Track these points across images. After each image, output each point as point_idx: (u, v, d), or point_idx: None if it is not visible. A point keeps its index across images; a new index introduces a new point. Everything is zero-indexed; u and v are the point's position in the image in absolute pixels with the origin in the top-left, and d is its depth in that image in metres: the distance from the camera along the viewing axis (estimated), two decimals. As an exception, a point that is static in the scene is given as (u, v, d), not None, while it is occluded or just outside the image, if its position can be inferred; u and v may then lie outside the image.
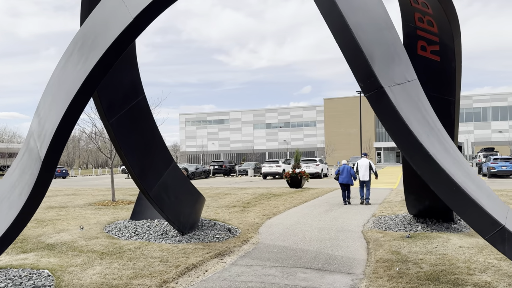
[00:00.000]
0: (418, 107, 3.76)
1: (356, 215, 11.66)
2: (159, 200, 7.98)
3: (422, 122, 3.67)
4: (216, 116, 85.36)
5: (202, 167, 39.26)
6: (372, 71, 3.46)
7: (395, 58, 3.95)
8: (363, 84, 3.58)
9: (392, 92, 3.50)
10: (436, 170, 3.57)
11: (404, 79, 3.86)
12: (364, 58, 3.46)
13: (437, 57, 6.27)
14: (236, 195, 17.37)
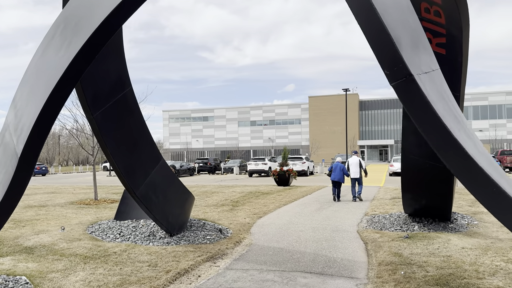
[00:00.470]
0: (444, 99, 3.43)
1: (348, 214, 11.39)
2: (147, 200, 7.52)
3: (451, 115, 3.33)
4: (200, 113, 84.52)
5: (187, 165, 38.64)
6: (400, 56, 3.10)
7: (419, 44, 3.62)
8: (389, 72, 3.22)
9: (421, 81, 3.16)
10: (475, 170, 3.17)
11: (429, 68, 3.52)
12: (391, 42, 3.10)
13: (443, 50, 5.98)
14: (224, 194, 16.94)
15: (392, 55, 3.13)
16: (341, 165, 14.64)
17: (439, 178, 7.36)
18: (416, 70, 3.18)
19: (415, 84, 3.10)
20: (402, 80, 3.17)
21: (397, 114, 72.84)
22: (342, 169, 14.45)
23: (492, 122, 66.88)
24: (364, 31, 3.31)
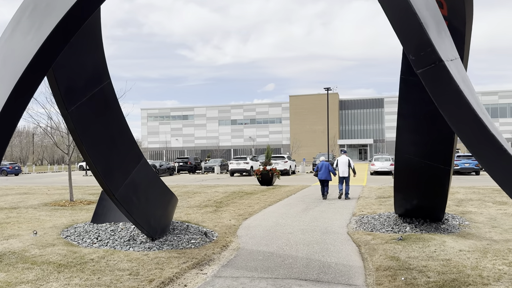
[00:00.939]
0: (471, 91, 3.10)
1: (336, 215, 11.10)
2: (127, 202, 7.00)
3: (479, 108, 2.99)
4: (180, 112, 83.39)
5: (166, 164, 37.86)
6: (429, 39, 2.74)
7: (441, 29, 3.28)
8: (415, 57, 2.87)
9: (451, 68, 2.82)
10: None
11: (453, 55, 3.19)
12: (418, 22, 2.74)
13: (443, 44, 5.73)
14: (206, 194, 16.44)
15: (419, 37, 2.77)
16: (326, 163, 14.88)
17: (435, 178, 7.11)
18: (444, 55, 2.85)
19: (446, 71, 2.75)
20: (430, 66, 2.82)
21: (376, 114, 73.62)
22: (327, 167, 14.72)
23: (468, 122, 68.35)
24: (387, 10, 2.94)
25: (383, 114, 73.14)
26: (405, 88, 6.55)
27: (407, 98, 6.62)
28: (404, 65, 6.37)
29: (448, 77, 2.77)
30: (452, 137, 6.43)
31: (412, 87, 6.46)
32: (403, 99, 6.65)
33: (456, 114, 2.94)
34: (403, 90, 6.57)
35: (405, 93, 6.59)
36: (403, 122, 6.87)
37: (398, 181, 7.65)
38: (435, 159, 6.78)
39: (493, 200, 12.82)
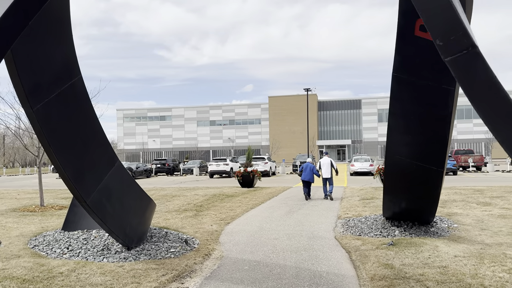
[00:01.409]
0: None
1: (321, 218, 10.76)
2: (100, 209, 6.44)
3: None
4: (157, 112, 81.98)
5: (143, 166, 36.90)
6: (460, 22, 2.37)
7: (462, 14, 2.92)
8: (443, 42, 2.50)
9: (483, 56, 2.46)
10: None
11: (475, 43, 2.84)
12: (447, 2, 2.37)
13: (439, 39, 5.44)
14: (185, 197, 15.86)
15: (449, 18, 2.40)
16: (311, 165, 15.02)
17: (427, 180, 6.83)
18: (476, 41, 2.49)
19: (480, 58, 2.39)
20: (461, 53, 2.45)
21: (354, 115, 74.26)
22: (312, 169, 14.84)
23: (443, 123, 69.74)
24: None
25: (360, 115, 73.86)
26: (397, 87, 6.23)
27: (399, 97, 6.31)
28: (397, 62, 6.06)
29: (483, 66, 2.41)
30: (446, 138, 6.15)
31: (405, 86, 6.16)
32: (394, 98, 6.34)
33: (494, 109, 2.58)
34: (395, 89, 6.26)
35: (397, 91, 6.28)
36: (395, 122, 6.56)
37: (388, 184, 7.35)
38: (428, 160, 6.50)
39: (476, 201, 12.76)
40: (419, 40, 5.65)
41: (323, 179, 14.99)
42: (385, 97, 73.14)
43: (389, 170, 7.14)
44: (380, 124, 72.48)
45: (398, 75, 6.12)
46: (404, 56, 5.97)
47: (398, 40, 5.89)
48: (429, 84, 5.82)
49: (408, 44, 5.85)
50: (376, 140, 72.29)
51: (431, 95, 5.90)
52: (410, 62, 5.94)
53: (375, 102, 73.19)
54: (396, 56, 6.04)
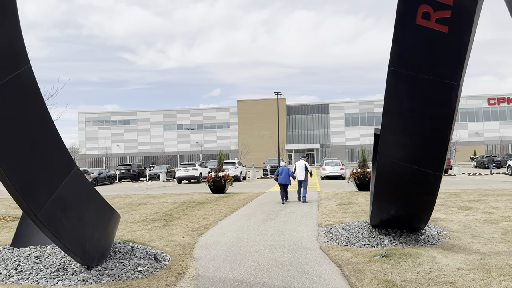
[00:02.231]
0: None
1: (300, 225, 10.09)
2: (54, 223, 5.45)
3: None
4: (121, 116, 79.34)
5: (106, 172, 35.16)
6: None
7: None
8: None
9: None
10: None
11: None
12: None
13: (444, 28, 4.87)
14: (153, 205, 14.78)
15: None
16: (287, 168, 15.35)
17: (423, 185, 6.27)
18: None
19: None
20: None
21: (322, 119, 74.76)
22: (287, 171, 15.19)
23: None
24: None
25: (328, 120, 74.45)
26: (393, 82, 5.64)
27: (395, 94, 5.72)
28: (394, 54, 5.46)
29: None
30: (447, 139, 5.61)
31: (402, 81, 5.57)
32: (390, 95, 5.74)
33: None
34: (391, 84, 5.66)
35: (393, 87, 5.69)
36: (389, 121, 5.96)
37: (379, 189, 6.74)
38: (425, 164, 5.94)
39: (456, 205, 12.49)
40: (421, 30, 5.08)
41: (298, 182, 15.42)
42: (352, 101, 74.16)
43: (381, 175, 6.53)
44: (347, 128, 73.32)
45: (394, 69, 5.53)
46: (402, 47, 5.38)
47: (396, 29, 5.30)
48: (430, 79, 5.26)
49: (408, 34, 5.27)
50: (343, 144, 73.03)
51: (432, 91, 5.34)
52: (410, 54, 5.37)
53: (342, 107, 74.01)
54: (393, 47, 5.45)
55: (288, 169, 15.33)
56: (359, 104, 73.63)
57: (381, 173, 6.54)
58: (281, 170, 15.24)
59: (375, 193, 6.91)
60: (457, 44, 4.96)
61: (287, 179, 15.01)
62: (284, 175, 15.03)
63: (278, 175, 15.24)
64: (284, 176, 15.02)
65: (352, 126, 73.11)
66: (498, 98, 68.78)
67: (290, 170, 15.29)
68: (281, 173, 15.12)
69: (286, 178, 15.01)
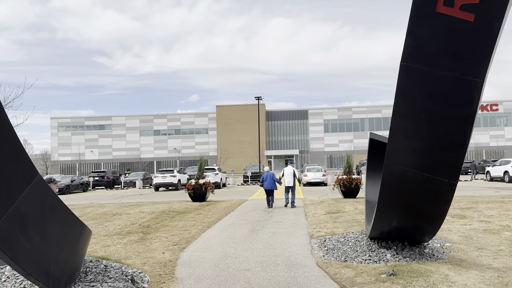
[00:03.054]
0: None
1: (291, 237, 9.36)
2: (9, 243, 4.54)
3: None
4: (96, 121, 77.02)
5: (79, 179, 33.62)
6: None
7: None
8: None
9: None
10: None
11: None
12: None
13: (470, 15, 4.28)
14: (128, 215, 13.76)
15: None
16: (271, 174, 15.43)
17: (435, 195, 5.65)
18: None
19: None
20: None
21: (301, 125, 74.61)
22: (272, 177, 15.28)
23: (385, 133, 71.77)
24: None
25: (307, 126, 74.34)
26: (406, 79, 5.00)
27: (408, 93, 5.08)
28: (408, 47, 4.83)
29: None
30: (465, 143, 5.00)
31: (417, 77, 4.94)
32: (402, 94, 5.10)
33: None
34: (404, 82, 5.02)
35: (406, 85, 5.05)
36: (400, 124, 5.32)
37: (384, 199, 6.09)
38: (439, 171, 5.32)
39: (449, 213, 12.01)
40: (442, 18, 4.47)
41: (286, 187, 15.49)
42: (330, 108, 74.34)
43: (387, 183, 5.88)
44: (326, 134, 73.36)
45: (408, 64, 4.90)
46: (418, 39, 4.76)
47: (412, 19, 4.67)
48: (450, 75, 4.65)
49: (426, 23, 4.65)
50: (322, 150, 73.00)
51: (452, 89, 4.73)
52: (426, 46, 4.74)
53: (321, 113, 74.08)
54: (407, 40, 4.82)
55: (273, 174, 15.44)
56: (338, 110, 73.86)
57: (387, 182, 5.89)
58: (266, 176, 15.30)
59: (379, 203, 6.25)
60: (484, 34, 4.37)
61: (272, 185, 15.15)
62: (269, 181, 15.15)
63: (263, 181, 15.32)
64: (269, 182, 15.15)
65: (331, 132, 73.20)
66: (472, 105, 70.31)
67: (274, 176, 15.42)
68: (266, 179, 15.21)
69: (272, 183, 15.15)
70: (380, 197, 6.17)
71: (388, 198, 6.09)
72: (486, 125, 67.75)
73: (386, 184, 5.93)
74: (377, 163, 9.15)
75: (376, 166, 9.17)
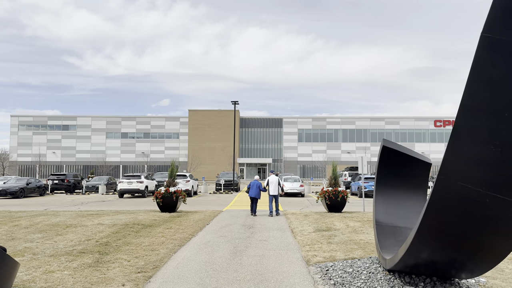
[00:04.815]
0: None
1: (283, 263, 7.68)
2: None
3: None
4: (59, 121, 72.94)
5: (36, 181, 30.68)
6: None
7: None
8: None
9: None
10: None
11: None
12: None
13: None
14: (85, 228, 11.65)
15: None
16: (258, 182, 15.84)
17: (503, 223, 4.13)
18: None
19: None
20: None
21: (275, 133, 73.34)
22: (258, 186, 15.73)
23: (358, 145, 71.79)
24: None
25: (281, 134, 73.16)
26: (487, 57, 3.48)
27: (488, 77, 3.55)
28: (497, 12, 3.33)
29: None
30: None
31: (504, 55, 3.42)
32: (478, 78, 3.56)
33: None
34: (483, 61, 3.50)
35: (486, 66, 3.52)
36: (469, 122, 3.76)
37: (429, 226, 4.52)
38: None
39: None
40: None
41: (270, 196, 15.76)
42: (305, 117, 73.49)
43: (438, 206, 4.31)
44: (300, 143, 72.40)
45: (494, 36, 3.37)
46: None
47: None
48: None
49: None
50: (296, 160, 71.92)
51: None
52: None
53: (295, 122, 73.13)
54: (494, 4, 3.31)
55: (259, 183, 15.83)
56: (312, 120, 73.15)
57: (438, 203, 4.32)
58: (252, 184, 15.81)
59: (419, 231, 4.67)
60: None
61: (257, 193, 15.61)
62: (254, 189, 15.61)
63: (249, 188, 15.81)
64: (254, 190, 15.60)
65: (305, 142, 72.29)
66: (444, 120, 71.24)
67: (261, 185, 15.82)
68: (252, 186, 15.70)
69: (257, 192, 15.61)
70: (422, 224, 4.59)
71: (436, 225, 4.52)
72: None
73: (435, 206, 4.36)
74: (390, 176, 7.64)
75: (389, 179, 7.66)
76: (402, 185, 7.65)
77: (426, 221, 4.54)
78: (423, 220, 4.55)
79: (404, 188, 7.67)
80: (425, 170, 7.55)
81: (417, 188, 7.65)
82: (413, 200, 7.65)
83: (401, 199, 7.68)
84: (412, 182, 7.63)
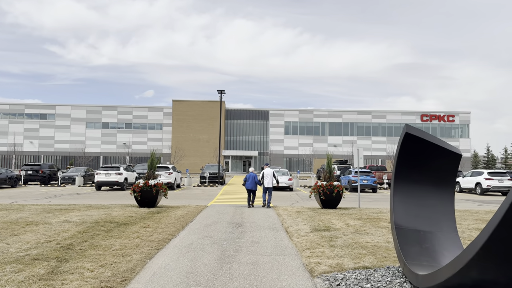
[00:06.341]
0: None
1: (282, 273, 6.33)
2: None
3: None
4: (37, 109, 70.03)
5: (7, 172, 28.65)
6: None
7: None
8: None
9: None
10: None
11: None
12: None
13: None
14: (48, 226, 10.05)
15: None
16: (254, 175, 16.12)
17: None
18: None
19: None
20: None
21: (262, 126, 71.95)
22: (254, 178, 16.04)
23: (345, 138, 70.95)
24: None
25: (268, 127, 71.78)
26: None
27: None
28: None
29: None
30: None
31: None
32: None
33: None
34: None
35: None
36: None
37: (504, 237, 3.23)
38: None
39: (469, 236, 9.50)
40: None
41: (264, 188, 16.10)
42: (292, 110, 72.25)
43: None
44: (286, 136, 71.18)
45: None
46: None
47: None
48: None
49: None
50: (282, 153, 70.72)
51: None
52: None
53: (282, 114, 71.81)
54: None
55: (256, 175, 16.13)
56: (299, 113, 71.93)
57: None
58: (249, 176, 16.12)
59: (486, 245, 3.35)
60: None
61: (253, 186, 15.95)
62: (251, 181, 15.95)
63: (246, 181, 16.12)
64: (250, 182, 15.95)
65: (291, 135, 71.10)
66: (430, 115, 70.89)
67: (257, 177, 16.12)
68: (248, 179, 16.03)
69: (253, 184, 15.96)
70: (493, 235, 3.26)
71: None
72: (442, 136, 68.45)
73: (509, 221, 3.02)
74: (413, 169, 6.35)
75: (411, 173, 6.36)
76: (426, 180, 6.36)
77: (502, 231, 3.21)
78: (497, 230, 3.22)
79: (427, 184, 6.39)
80: (454, 162, 6.28)
81: (443, 184, 6.39)
82: (438, 198, 6.39)
83: (424, 197, 6.40)
84: (437, 177, 6.36)
